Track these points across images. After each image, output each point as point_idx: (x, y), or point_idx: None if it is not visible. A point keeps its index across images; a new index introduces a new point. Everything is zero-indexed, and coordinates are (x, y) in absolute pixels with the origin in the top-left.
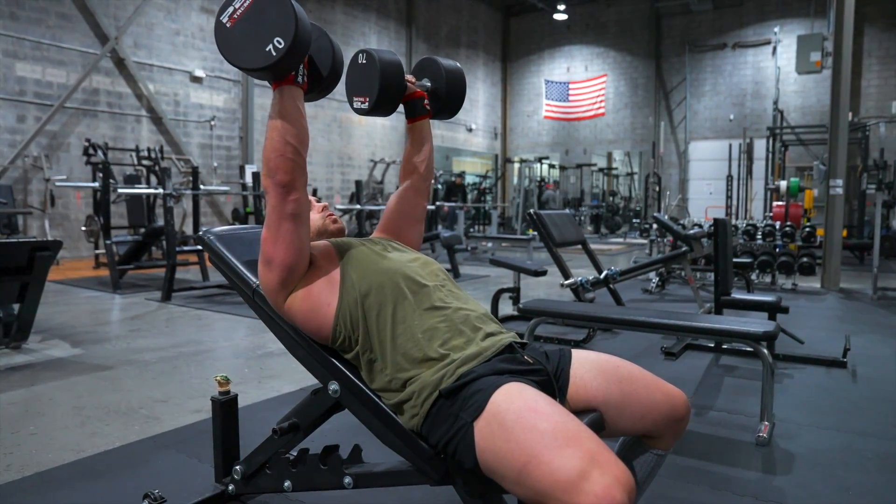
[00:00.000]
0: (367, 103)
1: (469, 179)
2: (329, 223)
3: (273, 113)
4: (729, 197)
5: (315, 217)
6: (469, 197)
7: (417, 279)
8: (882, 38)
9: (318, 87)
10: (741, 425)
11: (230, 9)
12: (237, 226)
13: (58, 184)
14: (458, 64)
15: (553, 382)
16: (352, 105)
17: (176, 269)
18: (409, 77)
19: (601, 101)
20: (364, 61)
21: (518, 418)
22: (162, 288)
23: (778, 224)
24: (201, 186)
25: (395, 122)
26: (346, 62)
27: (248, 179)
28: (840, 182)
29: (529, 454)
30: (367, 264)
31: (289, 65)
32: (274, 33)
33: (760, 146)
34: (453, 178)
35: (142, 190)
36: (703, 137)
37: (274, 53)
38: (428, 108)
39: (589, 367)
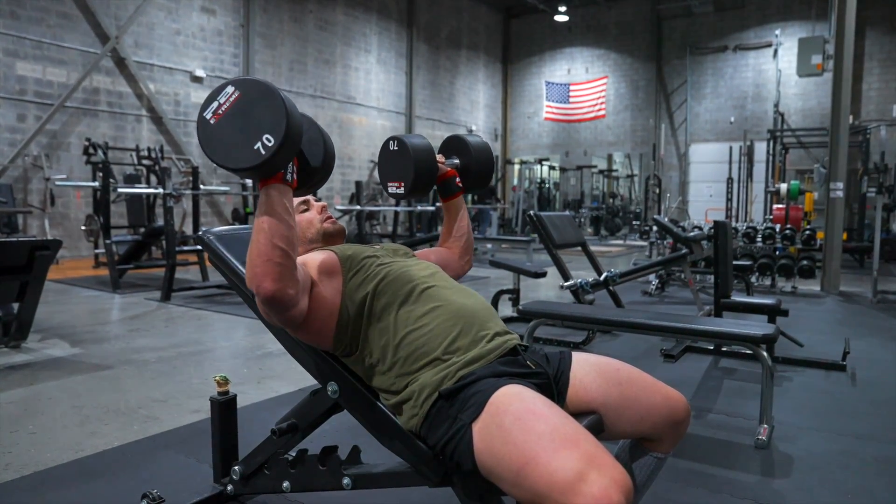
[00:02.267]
0: (402, 188)
1: None
2: (328, 226)
3: (260, 213)
4: (729, 199)
5: (313, 219)
6: (470, 198)
7: (422, 280)
8: (883, 42)
9: (309, 182)
10: (740, 428)
11: (214, 104)
12: (237, 226)
13: (58, 183)
14: (483, 139)
15: (552, 385)
16: (387, 189)
17: (175, 268)
18: (438, 157)
19: (602, 103)
20: (396, 148)
21: (516, 420)
22: (161, 288)
23: (778, 227)
24: (201, 186)
25: (395, 124)
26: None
27: (248, 180)
28: (840, 185)
29: (527, 456)
30: (371, 269)
31: (279, 163)
32: (263, 130)
33: (761, 149)
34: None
35: (142, 190)
36: (703, 140)
37: (263, 152)
38: (460, 185)
39: (589, 369)
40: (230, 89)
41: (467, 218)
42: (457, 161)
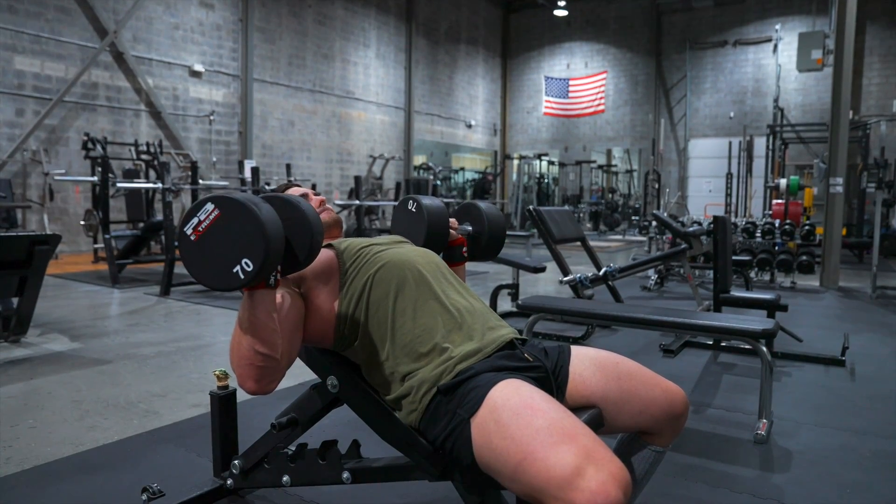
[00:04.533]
0: None
1: (468, 176)
2: (324, 217)
3: (242, 317)
4: (728, 195)
5: None
6: (468, 194)
7: (419, 270)
8: (884, 36)
9: (296, 268)
10: (739, 423)
11: (194, 220)
12: None
13: (57, 178)
14: (498, 209)
15: (551, 379)
16: None
17: (175, 263)
18: (452, 221)
19: (601, 98)
20: (413, 209)
21: (514, 415)
22: (161, 282)
23: (777, 222)
24: (200, 181)
25: (394, 118)
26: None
27: (248, 174)
28: (840, 180)
29: (525, 451)
30: (368, 258)
31: (259, 280)
32: (242, 254)
33: (760, 144)
34: (487, 175)
35: (141, 184)
36: (702, 135)
37: (242, 276)
38: (465, 255)
39: (588, 363)
40: (210, 206)
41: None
42: (469, 229)
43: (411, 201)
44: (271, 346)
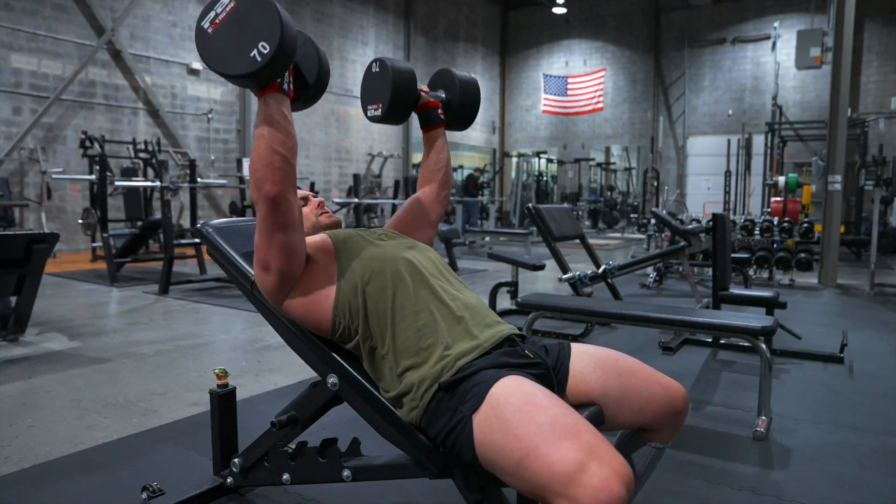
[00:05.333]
0: (379, 110)
1: (467, 174)
2: (323, 220)
3: (258, 122)
4: (727, 192)
5: (309, 214)
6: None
7: (416, 266)
8: (882, 34)
9: (304, 95)
10: (739, 420)
11: (211, 14)
12: (235, 219)
13: (54, 176)
14: (473, 76)
15: (552, 376)
16: (366, 113)
17: (173, 262)
18: (423, 87)
19: (600, 96)
20: (377, 70)
21: (516, 411)
22: (159, 281)
23: (776, 220)
24: (198, 179)
25: None
26: (356, 65)
27: (246, 172)
28: (838, 178)
29: (527, 447)
30: (364, 252)
31: (274, 71)
32: (258, 38)
33: (759, 142)
34: (475, 171)
35: (139, 183)
36: (701, 133)
37: (259, 59)
38: (442, 117)
39: (588, 360)
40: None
41: (447, 152)
42: (442, 95)
43: (375, 63)
44: (287, 149)
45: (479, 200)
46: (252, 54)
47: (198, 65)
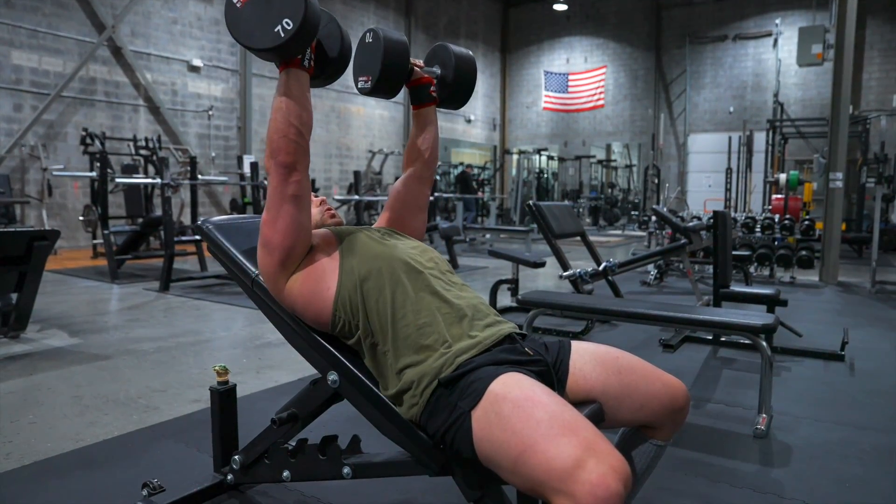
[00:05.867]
0: (369, 82)
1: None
2: (327, 217)
3: (278, 94)
4: (728, 190)
5: (314, 212)
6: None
7: (416, 265)
8: (884, 31)
9: (325, 72)
10: (739, 418)
11: None
12: (236, 215)
13: (55, 173)
14: (469, 52)
15: (552, 373)
16: (356, 85)
17: (174, 259)
18: (416, 62)
19: (600, 93)
20: (370, 40)
21: (515, 408)
22: (160, 278)
23: (777, 217)
24: (199, 176)
25: (393, 113)
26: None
27: (247, 169)
28: (840, 175)
29: (525, 443)
30: (365, 249)
31: (296, 47)
32: (283, 14)
33: (760, 139)
34: (466, 168)
35: (139, 180)
36: (702, 130)
37: (282, 34)
38: (434, 95)
39: (588, 357)
40: None
41: (435, 132)
42: (437, 71)
43: (368, 33)
44: (303, 122)
45: (478, 197)
46: (276, 29)
47: (198, 62)
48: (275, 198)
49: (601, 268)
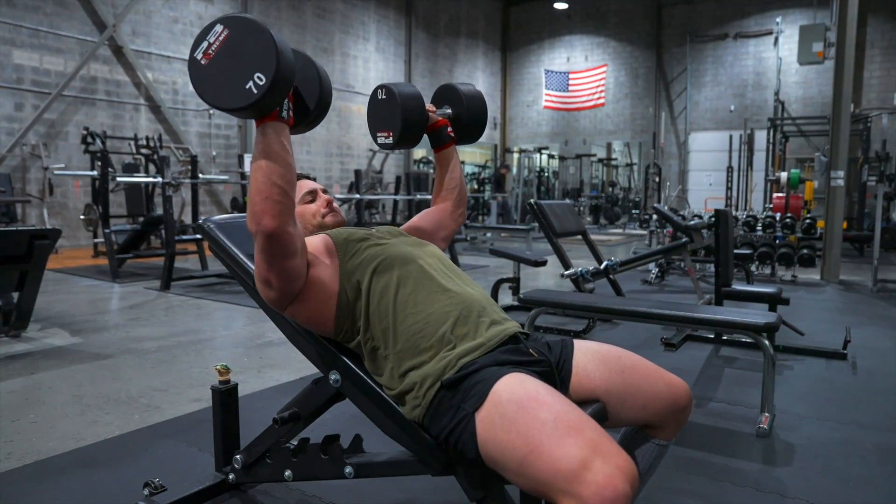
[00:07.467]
0: (391, 138)
1: (468, 169)
2: (328, 220)
3: (257, 153)
4: (729, 188)
5: (316, 211)
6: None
7: (419, 263)
8: (885, 29)
9: (305, 119)
10: (741, 416)
11: (204, 44)
12: (237, 214)
13: (56, 172)
14: (476, 88)
15: (555, 373)
16: (376, 140)
17: (175, 258)
18: (429, 106)
19: (601, 92)
20: (384, 97)
21: (519, 409)
22: (161, 277)
23: (778, 215)
24: (200, 175)
25: None
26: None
27: (247, 169)
28: (841, 173)
29: (531, 444)
30: (366, 252)
31: (272, 101)
32: (254, 68)
33: (761, 137)
34: (500, 170)
35: (140, 179)
36: (703, 128)
37: (255, 91)
38: (452, 135)
39: (591, 357)
40: (219, 28)
41: (460, 169)
42: (449, 111)
43: (380, 90)
44: (286, 181)
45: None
46: (248, 86)
47: None
48: (264, 257)
49: (602, 266)
